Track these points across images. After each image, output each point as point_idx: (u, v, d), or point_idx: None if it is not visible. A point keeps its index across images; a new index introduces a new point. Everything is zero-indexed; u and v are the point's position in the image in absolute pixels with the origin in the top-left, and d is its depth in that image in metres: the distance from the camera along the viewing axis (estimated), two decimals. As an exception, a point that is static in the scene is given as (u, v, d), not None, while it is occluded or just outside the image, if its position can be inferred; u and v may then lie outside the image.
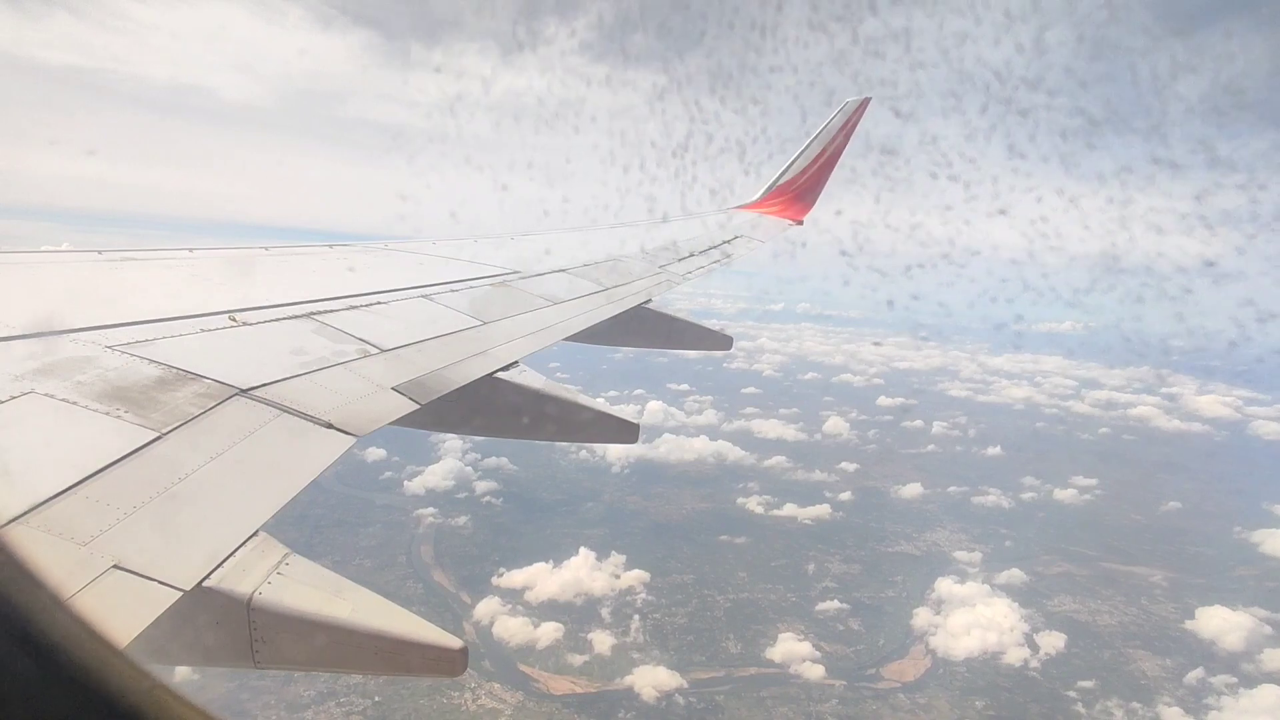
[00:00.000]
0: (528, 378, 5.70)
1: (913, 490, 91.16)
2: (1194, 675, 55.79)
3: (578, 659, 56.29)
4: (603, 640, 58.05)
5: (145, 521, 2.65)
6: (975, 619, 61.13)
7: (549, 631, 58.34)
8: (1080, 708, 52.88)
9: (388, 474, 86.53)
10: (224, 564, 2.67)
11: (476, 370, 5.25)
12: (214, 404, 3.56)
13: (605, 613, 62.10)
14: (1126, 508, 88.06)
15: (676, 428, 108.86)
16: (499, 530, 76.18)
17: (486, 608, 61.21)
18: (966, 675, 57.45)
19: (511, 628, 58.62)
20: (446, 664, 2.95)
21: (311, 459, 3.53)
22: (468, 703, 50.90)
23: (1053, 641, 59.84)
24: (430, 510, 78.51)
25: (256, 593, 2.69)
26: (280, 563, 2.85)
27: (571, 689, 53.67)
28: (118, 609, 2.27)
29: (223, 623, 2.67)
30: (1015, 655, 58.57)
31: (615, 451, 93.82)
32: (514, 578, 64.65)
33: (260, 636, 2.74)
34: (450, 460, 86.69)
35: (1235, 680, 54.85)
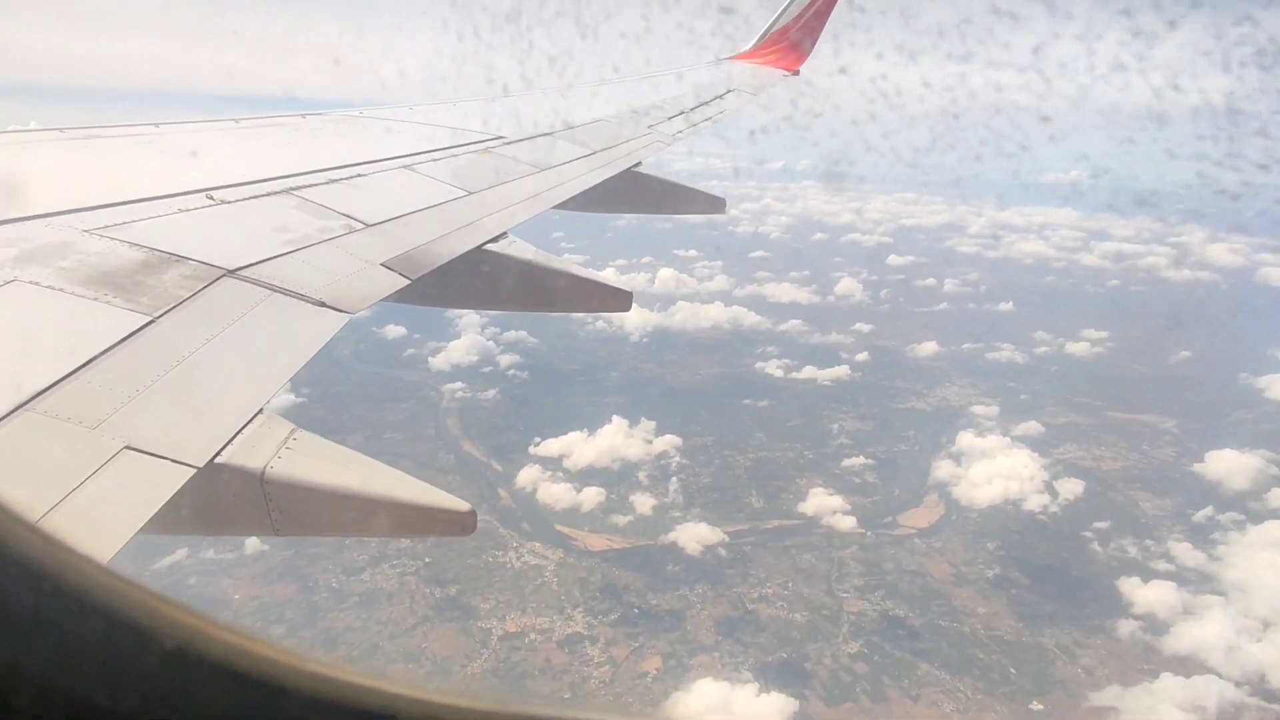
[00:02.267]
0: (518, 249, 5.61)
1: (927, 348, 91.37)
2: (1203, 514, 57.93)
3: (622, 519, 58.53)
4: (644, 501, 60.06)
5: (151, 404, 2.67)
6: (994, 469, 62.92)
7: (591, 496, 60.26)
8: (1096, 546, 55.24)
9: (410, 351, 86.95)
10: (233, 441, 2.71)
11: (465, 243, 5.14)
12: (202, 286, 3.52)
13: (643, 476, 63.81)
14: (1136, 358, 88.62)
15: (690, 295, 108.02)
16: (524, 402, 77.29)
17: (528, 475, 62.88)
18: (978, 521, 59.74)
19: (555, 493, 60.48)
20: (457, 525, 3.04)
21: (307, 337, 3.52)
22: (512, 561, 53.24)
23: (1070, 488, 61.81)
24: (458, 385, 79.39)
25: (268, 467, 2.74)
26: (288, 438, 2.88)
27: (608, 546, 56.02)
28: (134, 488, 2.30)
29: (239, 496, 2.72)
30: (1032, 502, 60.81)
31: (632, 321, 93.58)
32: (550, 446, 65.98)
33: (277, 507, 2.80)
34: (471, 335, 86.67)
35: (1243, 517, 57.04)
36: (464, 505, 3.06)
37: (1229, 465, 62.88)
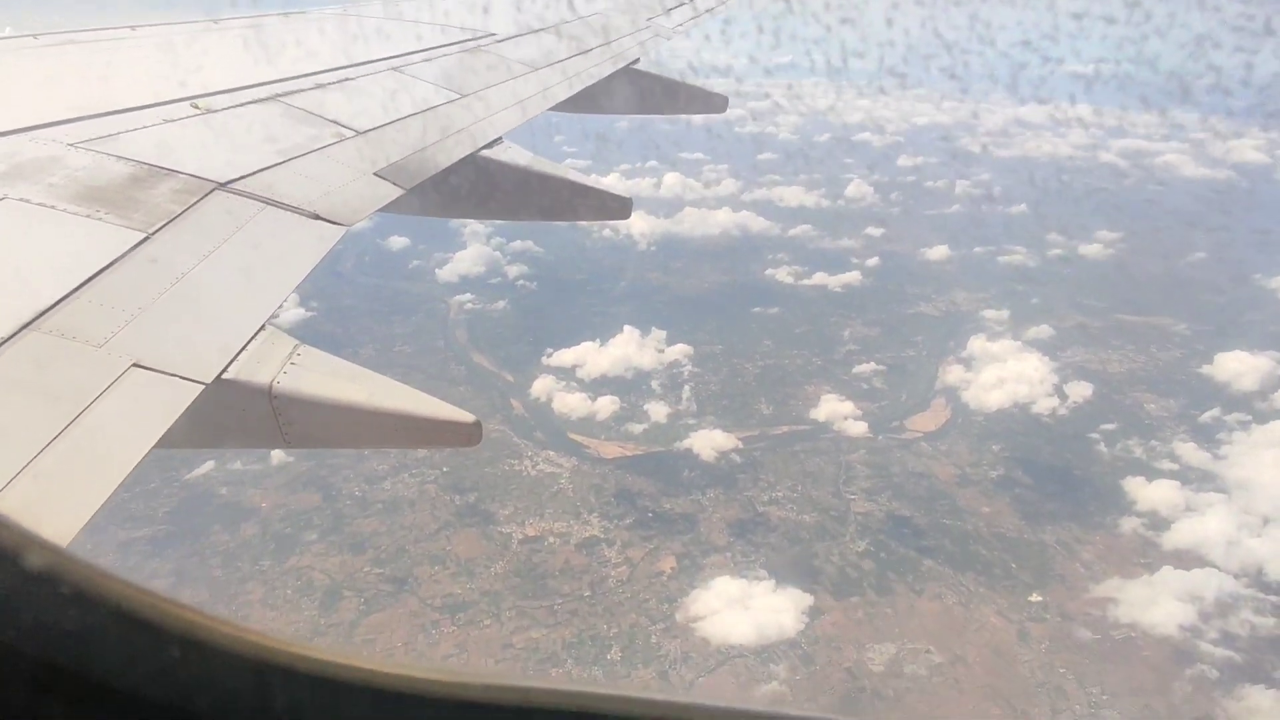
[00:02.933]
0: (513, 154, 5.48)
1: (938, 252, 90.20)
2: (1209, 414, 58.37)
3: (637, 428, 59.40)
4: (658, 409, 60.79)
5: (154, 321, 2.66)
6: (1003, 374, 63.10)
7: (606, 405, 60.99)
8: (1102, 447, 56.01)
9: (416, 263, 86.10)
10: (238, 358, 2.72)
11: (459, 150, 5.03)
12: (195, 200, 3.48)
13: (656, 384, 64.29)
14: (1150, 259, 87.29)
15: (697, 200, 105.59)
16: (533, 312, 77.11)
17: (543, 385, 63.42)
18: (984, 424, 60.38)
19: (570, 403, 61.17)
20: (464, 436, 3.08)
21: (304, 251, 3.50)
22: (527, 469, 54.39)
23: (1079, 391, 62.19)
24: (466, 296, 79.14)
25: (275, 382, 2.75)
26: (292, 354, 2.89)
27: (621, 453, 57.06)
28: (145, 406, 2.30)
29: (249, 410, 2.74)
30: (1040, 406, 61.32)
31: (639, 228, 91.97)
32: (563, 356, 66.22)
33: (286, 420, 2.82)
34: (477, 246, 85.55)
35: (1249, 418, 57.47)
36: (469, 417, 3.08)
37: (1238, 366, 62.88)
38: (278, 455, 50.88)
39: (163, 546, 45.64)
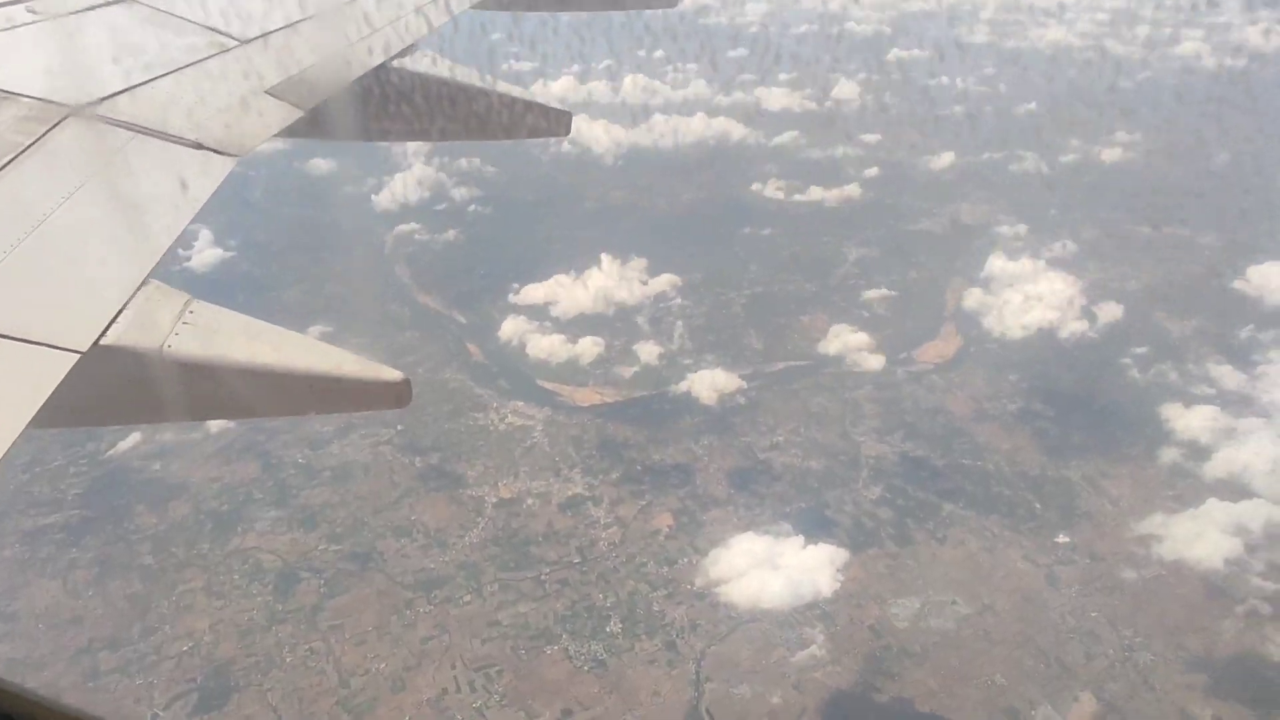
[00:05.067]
0: (431, 64, 5.26)
1: (943, 160, 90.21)
2: (1244, 332, 59.95)
3: (628, 370, 58.92)
4: (649, 350, 60.33)
5: (10, 279, 2.56)
6: (1022, 295, 63.82)
7: (589, 347, 60.25)
8: (1135, 373, 57.30)
9: (347, 189, 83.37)
10: (119, 319, 2.62)
11: (367, 59, 4.73)
12: (45, 129, 3.23)
13: (643, 321, 63.73)
14: (1173, 163, 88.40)
15: (665, 105, 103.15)
16: (489, 242, 75.38)
17: (513, 327, 62.41)
18: (999, 352, 61.30)
19: (547, 346, 60.33)
20: (391, 397, 3.01)
21: (188, 189, 3.30)
22: (494, 423, 53.75)
23: (1109, 312, 63.23)
24: (410, 227, 77.01)
25: (165, 345, 2.66)
26: (184, 311, 2.79)
27: (599, 399, 56.55)
28: (10, 382, 2.25)
29: (138, 380, 2.65)
30: (1065, 330, 62.34)
31: (602, 140, 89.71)
32: (533, 293, 65.18)
33: (184, 389, 2.74)
34: (418, 167, 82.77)
35: (1286, 334, 59.10)
36: (396, 375, 3.01)
37: (1271, 280, 64.42)
38: (212, 423, 49.25)
39: (79, 534, 44.03)
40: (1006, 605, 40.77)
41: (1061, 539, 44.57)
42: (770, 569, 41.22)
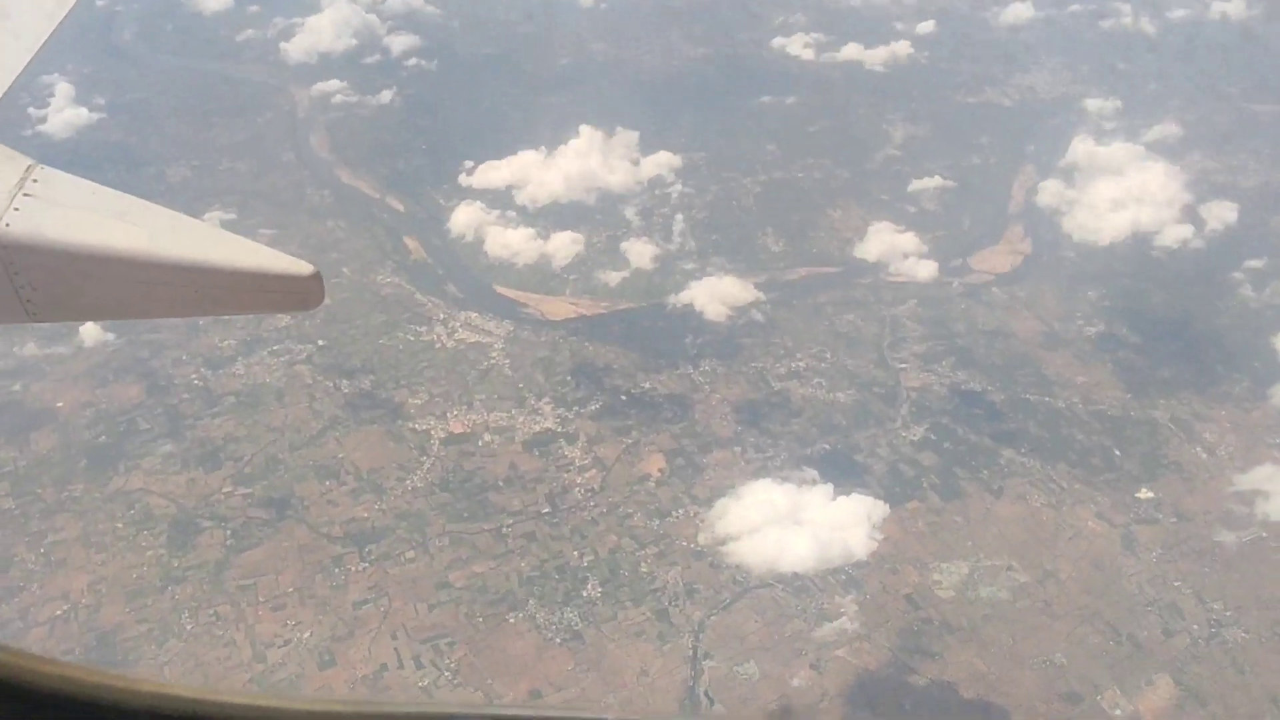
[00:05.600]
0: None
1: (1016, 13, 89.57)
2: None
3: (612, 276, 58.89)
4: (641, 250, 60.11)
5: None
6: (1110, 190, 63.79)
7: (564, 244, 60.05)
8: (1248, 290, 57.64)
9: (248, 33, 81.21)
10: None
11: None
12: None
13: (633, 213, 63.73)
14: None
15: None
16: (434, 107, 74.62)
17: (467, 216, 62.05)
18: (1077, 261, 61.36)
19: (508, 242, 60.09)
20: (295, 295, 3.10)
21: (23, 27, 3.84)
22: (441, 338, 53.82)
23: (1220, 213, 63.04)
24: (334, 85, 76.02)
25: (2, 223, 2.67)
26: (25, 179, 2.79)
27: (575, 311, 56.51)
28: None
29: None
30: (1161, 234, 62.43)
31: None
32: (491, 173, 64.50)
33: (25, 281, 2.71)
34: (340, 6, 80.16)
35: None
36: (304, 267, 3.01)
37: None
38: (88, 331, 48.72)
39: (-87, 471, 44.02)
40: (1073, 573, 41.79)
41: (1144, 494, 45.45)
42: (788, 525, 41.85)
